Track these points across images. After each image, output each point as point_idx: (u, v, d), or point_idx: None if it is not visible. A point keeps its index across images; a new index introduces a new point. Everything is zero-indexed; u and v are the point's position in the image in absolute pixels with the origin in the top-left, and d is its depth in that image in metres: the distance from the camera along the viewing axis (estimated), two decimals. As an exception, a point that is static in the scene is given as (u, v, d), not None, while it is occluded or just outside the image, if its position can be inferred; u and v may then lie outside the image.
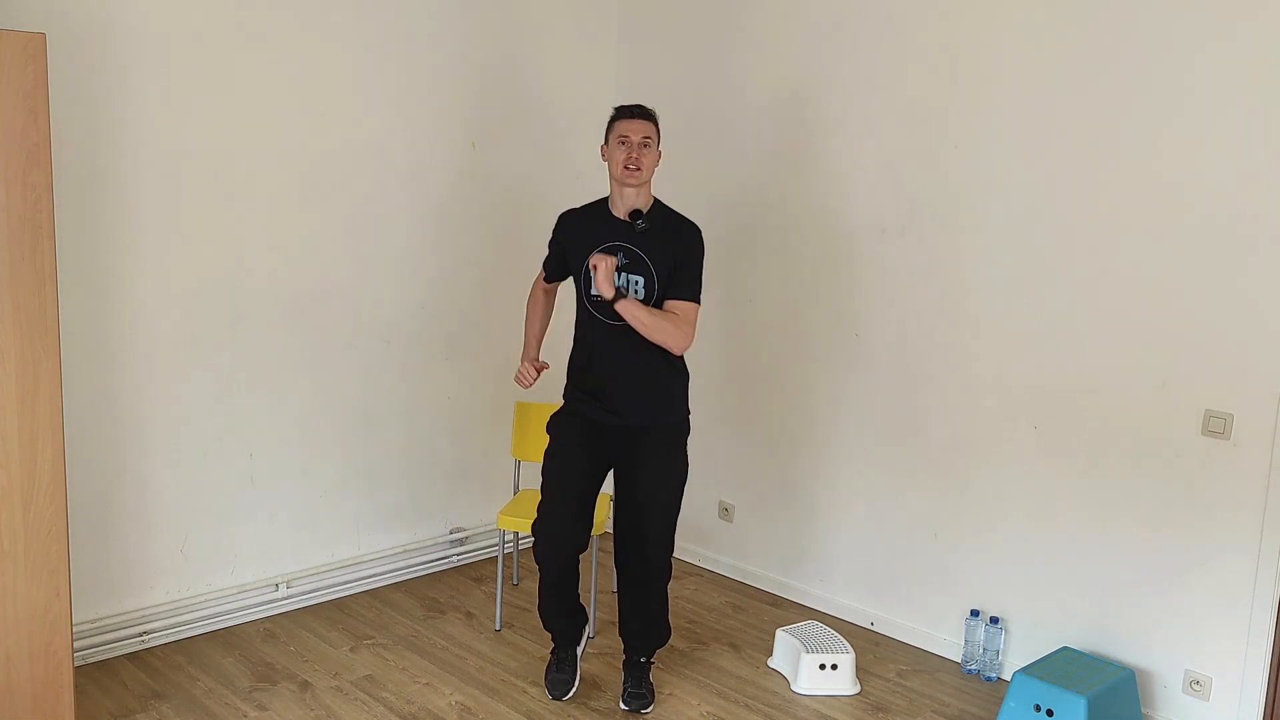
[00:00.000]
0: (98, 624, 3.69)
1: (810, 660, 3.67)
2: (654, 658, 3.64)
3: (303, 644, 3.90)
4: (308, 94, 3.96)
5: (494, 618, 4.14)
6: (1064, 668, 3.37)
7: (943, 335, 3.89)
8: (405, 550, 4.52)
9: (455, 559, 4.68)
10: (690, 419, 3.54)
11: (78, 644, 3.59)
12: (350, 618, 4.13)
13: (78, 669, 3.56)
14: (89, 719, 3.34)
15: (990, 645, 3.79)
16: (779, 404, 4.44)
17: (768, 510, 4.53)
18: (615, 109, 3.41)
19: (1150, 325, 3.38)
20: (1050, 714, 3.22)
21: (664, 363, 3.41)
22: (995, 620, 3.79)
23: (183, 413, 3.81)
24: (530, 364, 3.55)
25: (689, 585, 4.57)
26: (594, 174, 3.51)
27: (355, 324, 4.22)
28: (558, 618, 3.57)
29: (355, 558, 4.36)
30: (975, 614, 3.81)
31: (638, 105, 3.39)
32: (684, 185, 4.35)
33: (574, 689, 3.57)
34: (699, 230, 3.41)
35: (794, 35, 4.23)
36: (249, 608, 4.06)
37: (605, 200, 3.44)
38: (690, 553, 4.80)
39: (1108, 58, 3.40)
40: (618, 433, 3.42)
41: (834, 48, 4.10)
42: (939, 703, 3.65)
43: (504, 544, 4.23)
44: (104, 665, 3.67)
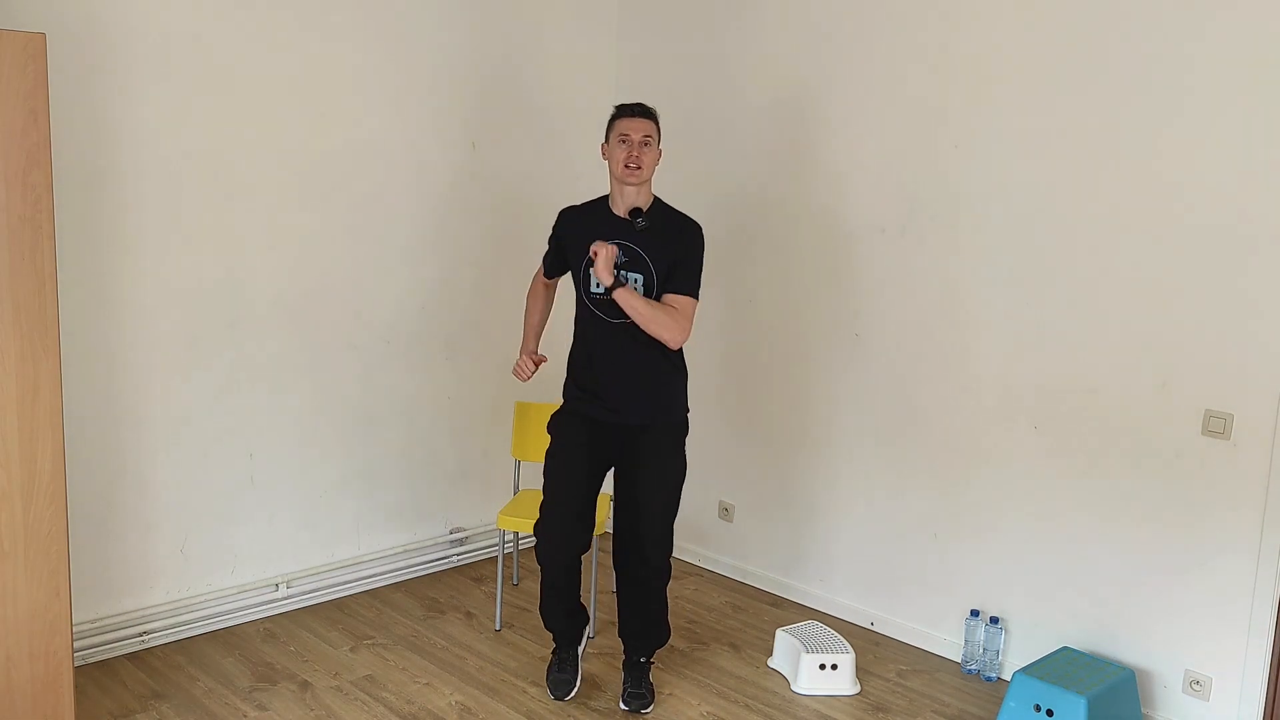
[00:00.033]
0: (98, 624, 3.69)
1: (810, 660, 3.67)
2: (654, 658, 3.64)
3: (303, 644, 3.90)
4: (308, 94, 3.97)
5: (494, 618, 4.14)
6: (1064, 668, 3.37)
7: (943, 335, 3.89)
8: (405, 550, 4.52)
9: (455, 559, 4.68)
10: (689, 418, 3.54)
11: (78, 644, 3.59)
12: (350, 618, 4.13)
13: (78, 669, 3.56)
14: (89, 719, 3.34)
15: (990, 645, 3.79)
16: (779, 404, 4.44)
17: (768, 510, 4.53)
18: (616, 107, 3.41)
19: (1150, 325, 3.38)
20: (1050, 714, 3.22)
21: (663, 361, 3.41)
22: (995, 620, 3.80)
23: (183, 413, 3.81)
24: (528, 357, 3.56)
25: (689, 585, 4.57)
26: (594, 174, 3.51)
27: (355, 324, 4.23)
28: (559, 618, 3.56)
29: (355, 558, 4.37)
30: (975, 614, 3.81)
31: (638, 104, 3.39)
32: (684, 185, 4.34)
33: (576, 689, 3.57)
34: (700, 228, 3.41)
35: (794, 35, 4.23)
36: (249, 608, 4.06)
37: (606, 198, 3.44)
38: (690, 553, 4.80)
39: (1108, 58, 3.40)
40: (617, 431, 3.42)
41: (834, 48, 4.11)
42: (939, 703, 3.65)
43: (504, 544, 4.23)
44: (104, 665, 3.67)
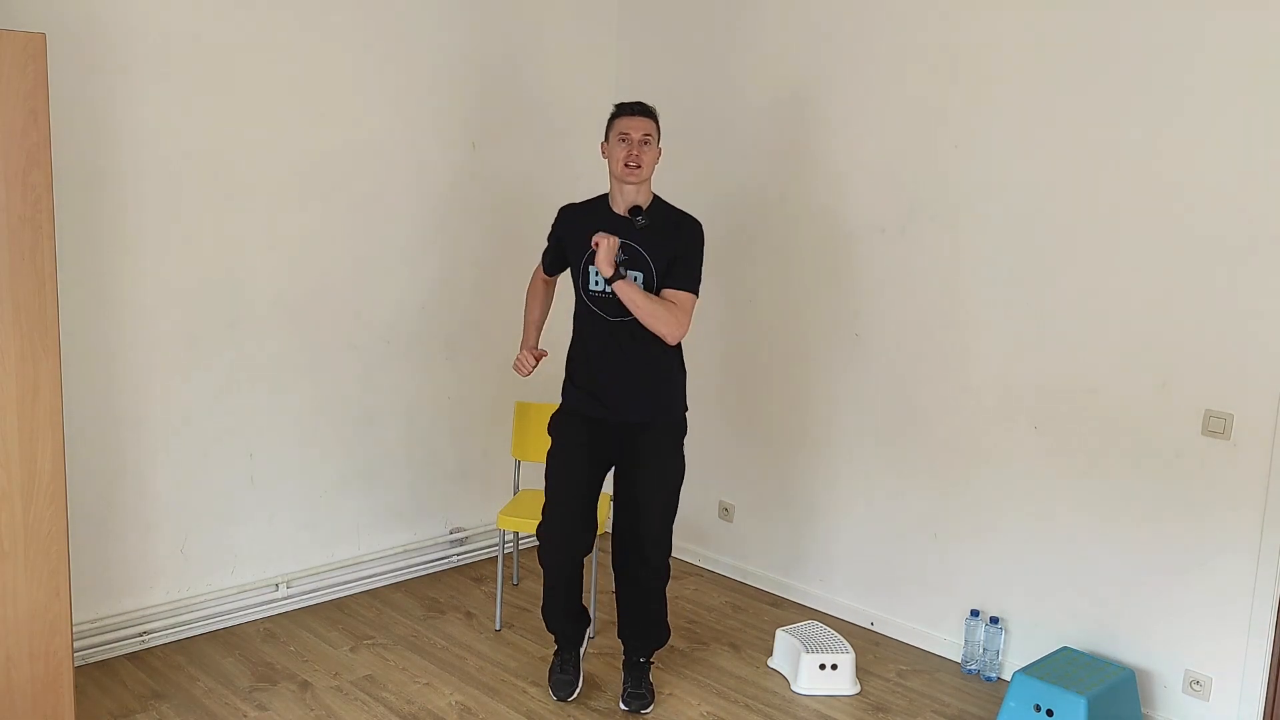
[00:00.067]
0: (98, 624, 3.69)
1: (810, 660, 3.67)
2: (654, 658, 3.64)
3: (303, 644, 3.90)
4: (308, 94, 3.97)
5: (494, 618, 4.14)
6: (1064, 668, 3.37)
7: (943, 335, 3.89)
8: (405, 550, 4.52)
9: (455, 559, 4.68)
10: (687, 418, 3.54)
11: (78, 644, 3.59)
12: (350, 618, 4.13)
13: (78, 669, 3.56)
14: (89, 719, 3.34)
15: (990, 645, 3.79)
16: (779, 404, 4.44)
17: (768, 510, 4.53)
18: (615, 106, 3.41)
19: (1150, 325, 3.38)
20: (1050, 714, 3.22)
21: (662, 360, 3.41)
22: (995, 620, 3.79)
23: (183, 413, 3.81)
24: (529, 352, 3.56)
25: (689, 585, 4.56)
26: (594, 174, 3.51)
27: (355, 324, 4.23)
28: (562, 620, 3.57)
29: (355, 558, 4.36)
30: (975, 614, 3.81)
31: (638, 102, 3.39)
32: (684, 185, 4.34)
33: (578, 690, 3.57)
34: (700, 225, 3.41)
35: (794, 35, 4.23)
36: (249, 608, 4.06)
37: (605, 197, 3.44)
38: (690, 553, 4.80)
39: (1108, 58, 3.40)
40: (617, 430, 3.42)
41: (834, 47, 4.10)
42: (939, 703, 3.65)
43: (504, 544, 4.23)
44: (104, 665, 3.67)
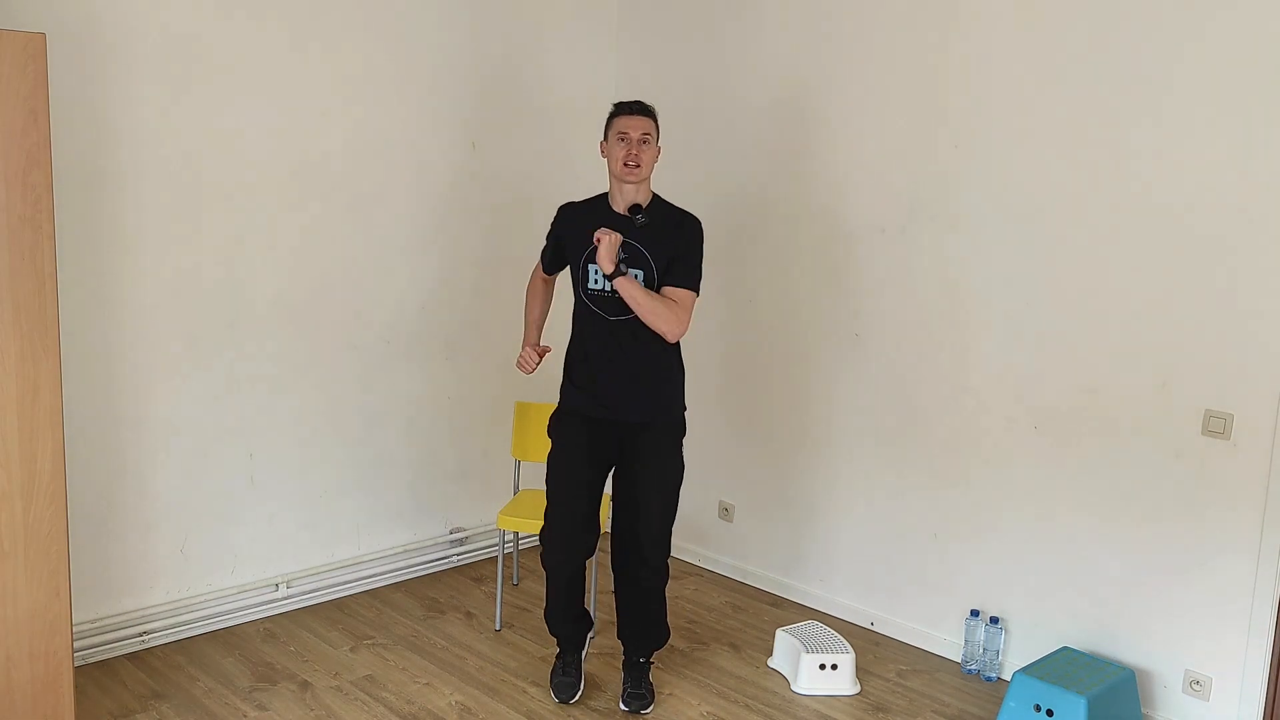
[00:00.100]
0: (98, 624, 3.69)
1: (810, 660, 3.67)
2: (653, 658, 3.64)
3: (303, 644, 3.90)
4: (308, 94, 3.96)
5: (494, 618, 4.14)
6: (1064, 668, 3.37)
7: (942, 335, 3.89)
8: (405, 550, 4.52)
9: (455, 559, 4.68)
10: (686, 419, 3.54)
11: (78, 644, 3.59)
12: (350, 618, 4.13)
13: (78, 669, 3.56)
14: (89, 719, 3.34)
15: (990, 645, 3.79)
16: (779, 404, 4.44)
17: (768, 510, 4.53)
18: (614, 105, 3.41)
19: (1150, 325, 3.38)
20: (1050, 714, 3.22)
21: (662, 360, 3.41)
22: (995, 620, 3.79)
23: (183, 413, 3.81)
24: (532, 349, 3.52)
25: (689, 585, 4.56)
26: (594, 174, 3.51)
27: (355, 324, 4.22)
28: (565, 623, 3.57)
29: (355, 558, 4.37)
30: (975, 614, 3.81)
31: (637, 101, 3.39)
32: (684, 185, 4.33)
33: (579, 691, 3.58)
34: (699, 222, 3.41)
35: (794, 35, 4.23)
36: (249, 608, 4.06)
37: (605, 196, 3.44)
38: (690, 553, 4.80)
39: (1108, 57, 3.40)
40: (616, 429, 3.42)
41: (834, 47, 4.10)
42: (939, 703, 3.65)
43: (504, 544, 4.23)
44: (104, 665, 3.67)
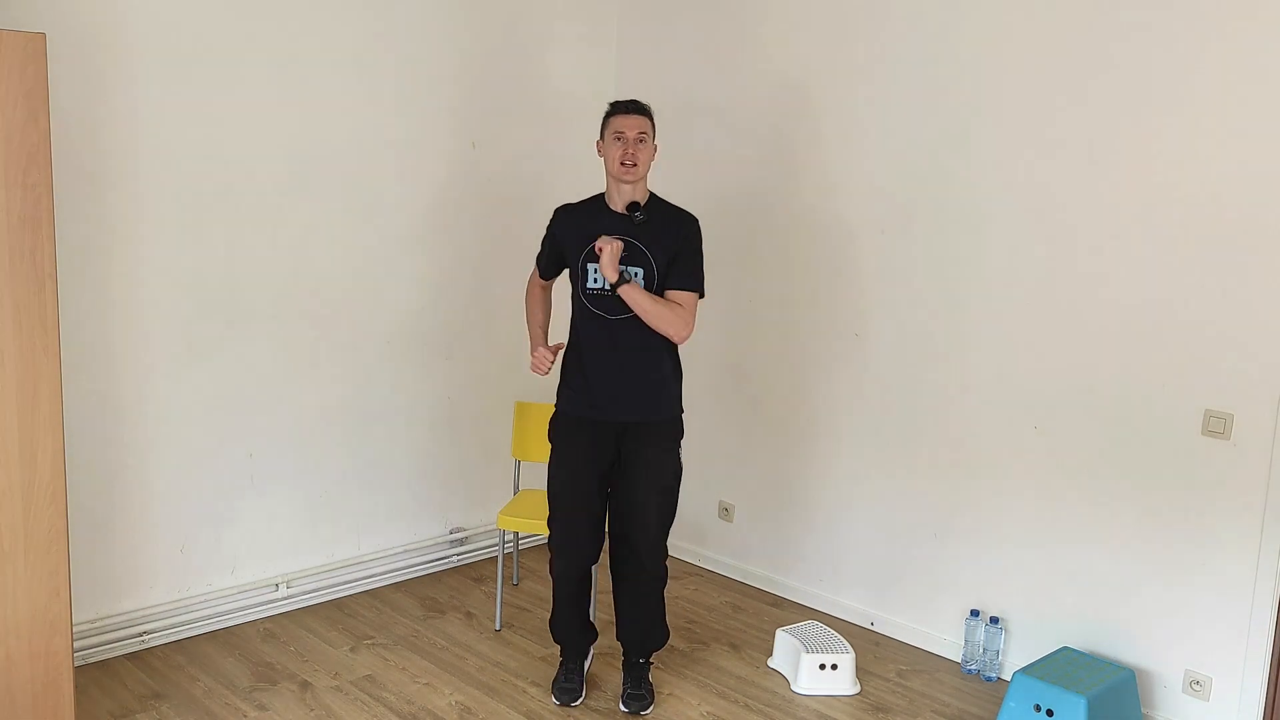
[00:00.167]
0: (98, 624, 3.69)
1: (810, 660, 3.67)
2: (653, 658, 3.64)
3: (303, 644, 3.90)
4: (308, 93, 3.96)
5: (494, 618, 4.14)
6: (1064, 668, 3.37)
7: (943, 335, 3.89)
8: (405, 550, 4.52)
9: (455, 559, 4.68)
10: (684, 419, 3.54)
11: (78, 644, 3.59)
12: (350, 618, 4.13)
13: (78, 669, 3.56)
14: (89, 719, 3.34)
15: (990, 645, 3.79)
16: (779, 404, 4.44)
17: (768, 510, 4.53)
18: (610, 104, 3.41)
19: (1150, 325, 3.38)
20: (1050, 714, 3.22)
21: (660, 360, 3.41)
22: (995, 620, 3.79)
23: (183, 413, 3.81)
24: (544, 348, 3.46)
25: (689, 585, 4.56)
26: (595, 173, 3.51)
27: (355, 324, 4.22)
28: (571, 630, 3.58)
29: (355, 558, 4.36)
30: (975, 614, 3.81)
31: (633, 100, 3.39)
32: (685, 185, 4.33)
33: (581, 698, 3.58)
34: (697, 220, 3.41)
35: (794, 35, 4.23)
36: (249, 608, 4.06)
37: (602, 195, 3.44)
38: (690, 553, 4.80)
39: (1109, 58, 3.40)
40: (614, 430, 3.41)
41: (834, 47, 4.10)
42: (939, 703, 3.65)
43: (504, 544, 4.23)
44: (104, 665, 3.67)
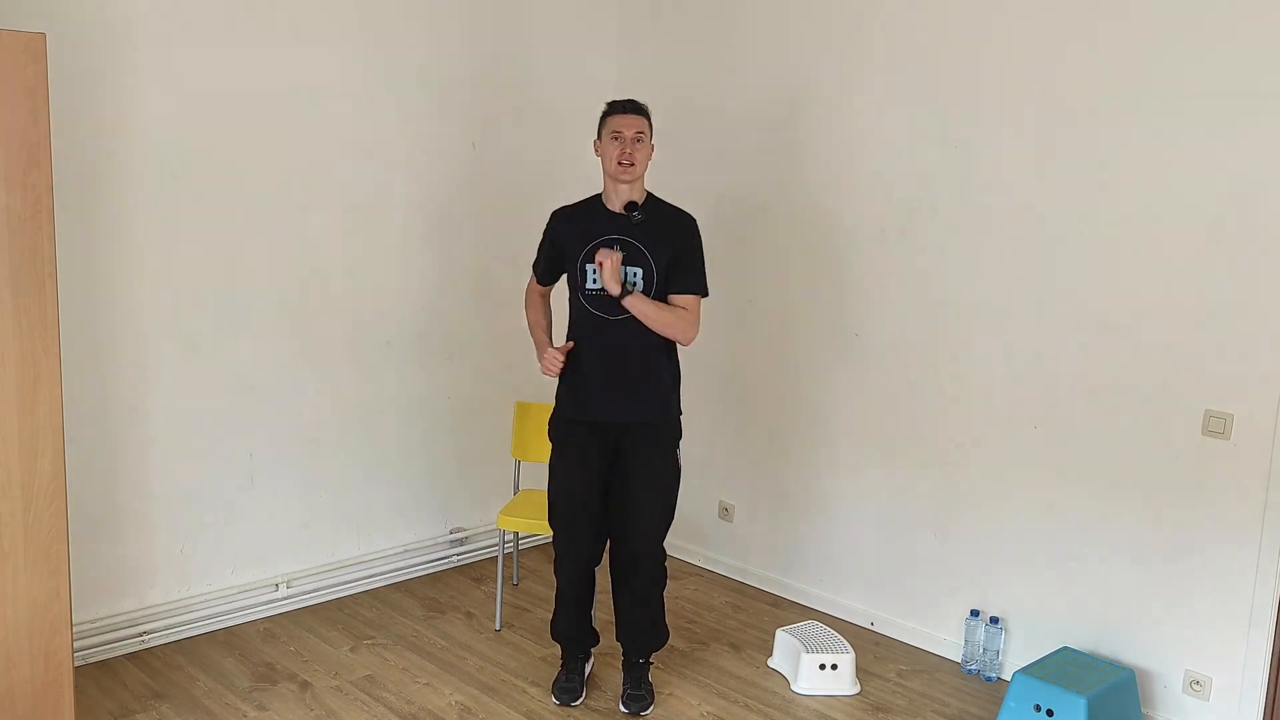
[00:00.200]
0: (98, 624, 3.69)
1: (810, 660, 3.67)
2: (653, 659, 3.64)
3: (303, 644, 3.90)
4: (308, 94, 3.96)
5: (494, 618, 4.14)
6: (1064, 668, 3.37)
7: (942, 335, 3.89)
8: (405, 550, 4.52)
9: (455, 559, 4.68)
10: (682, 421, 3.54)
11: (78, 644, 3.59)
12: (350, 618, 4.13)
13: (78, 669, 3.56)
14: (89, 719, 3.34)
15: (990, 645, 3.79)
16: (779, 404, 4.44)
17: (768, 510, 4.53)
18: (607, 104, 3.41)
19: (1150, 325, 3.37)
20: (1050, 714, 3.22)
21: (659, 360, 3.41)
22: (995, 620, 3.79)
23: (183, 412, 3.81)
24: (553, 349, 3.40)
25: (689, 585, 4.56)
26: (595, 173, 3.51)
27: (355, 324, 4.22)
28: (573, 631, 3.60)
29: (355, 558, 4.36)
30: (975, 614, 3.81)
31: (630, 100, 3.39)
32: (684, 185, 4.33)
33: (582, 698, 3.58)
34: (694, 220, 3.42)
35: (794, 35, 4.23)
36: (249, 608, 4.06)
37: (599, 196, 3.44)
38: (690, 553, 4.80)
39: (1110, 58, 3.40)
40: (613, 431, 3.42)
41: (834, 47, 4.10)
42: (939, 703, 3.65)
43: (504, 544, 4.23)
44: (104, 665, 3.67)
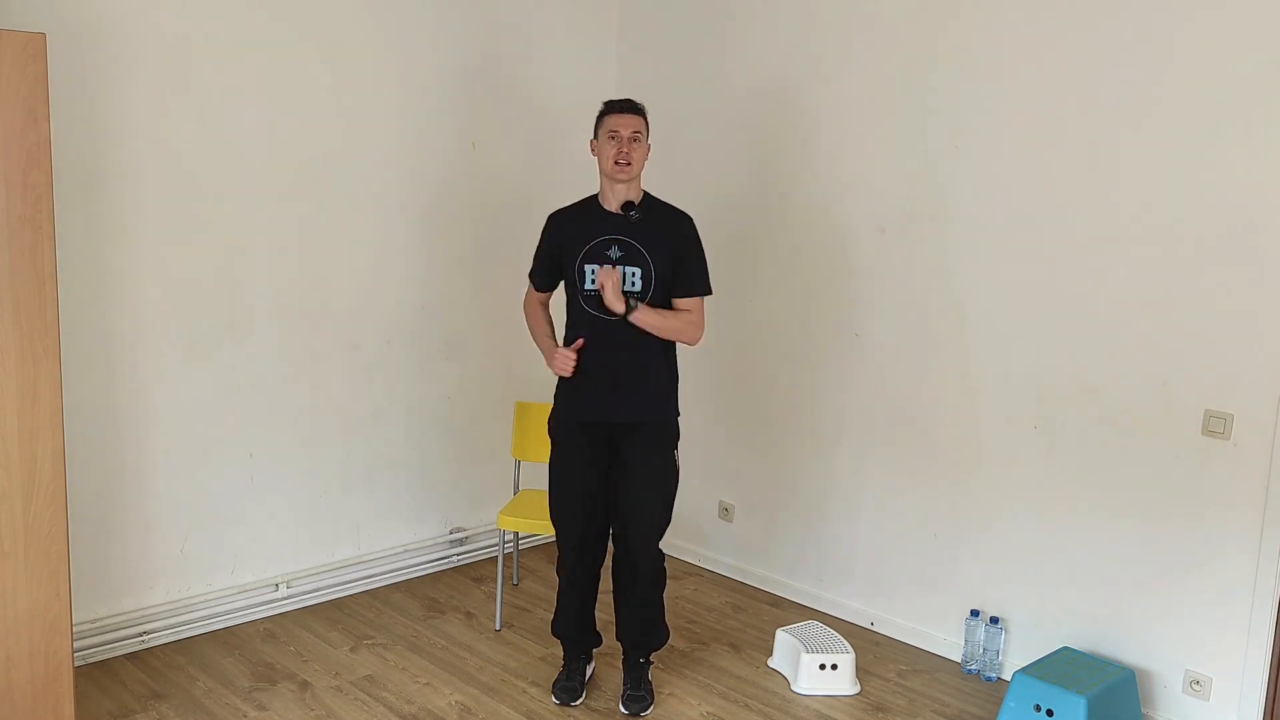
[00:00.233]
0: (98, 624, 3.69)
1: (810, 660, 3.67)
2: (653, 658, 3.64)
3: (303, 644, 3.90)
4: (308, 94, 3.96)
5: (494, 618, 4.14)
6: (1064, 668, 3.37)
7: (942, 335, 3.89)
8: (405, 550, 4.52)
9: (455, 559, 4.68)
10: (679, 422, 3.54)
11: (78, 644, 3.59)
12: (350, 618, 4.13)
13: (78, 669, 3.56)
14: (89, 719, 3.34)
15: (990, 645, 3.79)
16: (779, 404, 4.44)
17: (768, 510, 4.53)
18: (604, 104, 3.41)
19: (1150, 325, 3.37)
20: (1050, 714, 3.22)
21: (657, 360, 3.42)
22: (995, 620, 3.79)
23: (183, 412, 3.81)
24: (563, 350, 3.37)
25: (689, 585, 4.56)
26: (594, 173, 3.51)
27: (355, 324, 4.22)
28: (573, 630, 3.60)
29: (355, 558, 4.37)
30: (975, 614, 3.81)
31: (626, 99, 3.40)
32: (684, 185, 4.34)
33: (582, 698, 3.58)
34: (691, 219, 3.43)
35: (794, 35, 4.23)
36: (249, 608, 4.06)
37: (595, 196, 3.45)
38: (690, 553, 4.80)
39: (1110, 58, 3.40)
40: (611, 431, 3.42)
41: (833, 48, 4.10)
42: (939, 703, 3.65)
43: (504, 544, 4.23)
44: (104, 665, 3.67)
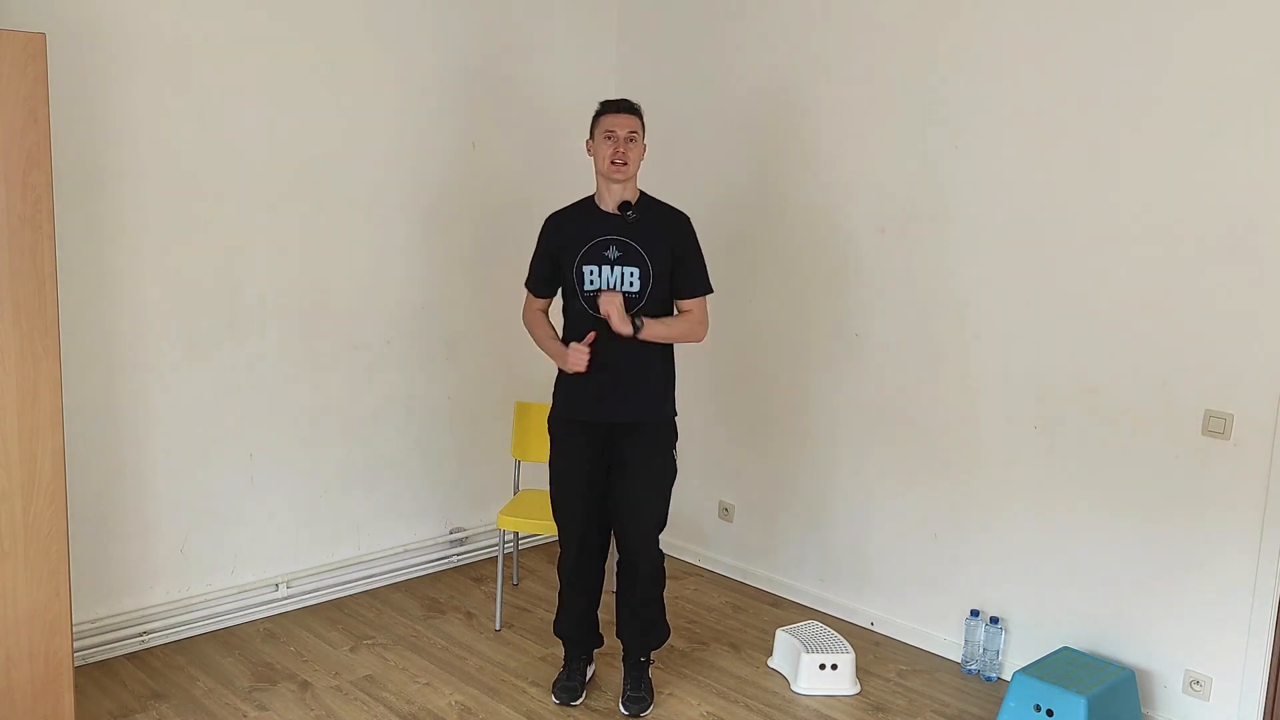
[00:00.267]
0: (98, 624, 3.69)
1: (810, 660, 3.67)
2: (653, 657, 3.65)
3: (303, 644, 3.90)
4: (308, 94, 3.97)
5: (494, 618, 4.14)
6: (1064, 668, 3.37)
7: (942, 335, 3.89)
8: (405, 550, 4.52)
9: (455, 559, 4.68)
10: (677, 422, 3.54)
11: (78, 644, 3.59)
12: (350, 618, 4.13)
13: (78, 669, 3.56)
14: (89, 719, 3.34)
15: (990, 645, 3.79)
16: (779, 404, 4.44)
17: (768, 510, 4.53)
18: (600, 103, 3.41)
19: (1150, 325, 3.37)
20: (1050, 714, 3.22)
21: (655, 360, 3.42)
22: (995, 620, 3.79)
23: (183, 413, 3.81)
24: (579, 344, 3.31)
25: (689, 585, 4.56)
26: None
27: (355, 324, 4.23)
28: (574, 629, 3.60)
29: (355, 558, 4.37)
30: (975, 614, 3.81)
31: (623, 99, 3.40)
32: (684, 185, 4.35)
33: (582, 698, 3.58)
34: (688, 218, 3.44)
35: (794, 35, 4.23)
36: (249, 608, 4.06)
37: (591, 197, 3.45)
38: (690, 553, 4.80)
39: (1110, 58, 3.40)
40: (609, 430, 3.42)
41: (833, 48, 4.10)
42: (939, 703, 3.65)
43: (504, 544, 4.23)
44: (104, 665, 3.67)
